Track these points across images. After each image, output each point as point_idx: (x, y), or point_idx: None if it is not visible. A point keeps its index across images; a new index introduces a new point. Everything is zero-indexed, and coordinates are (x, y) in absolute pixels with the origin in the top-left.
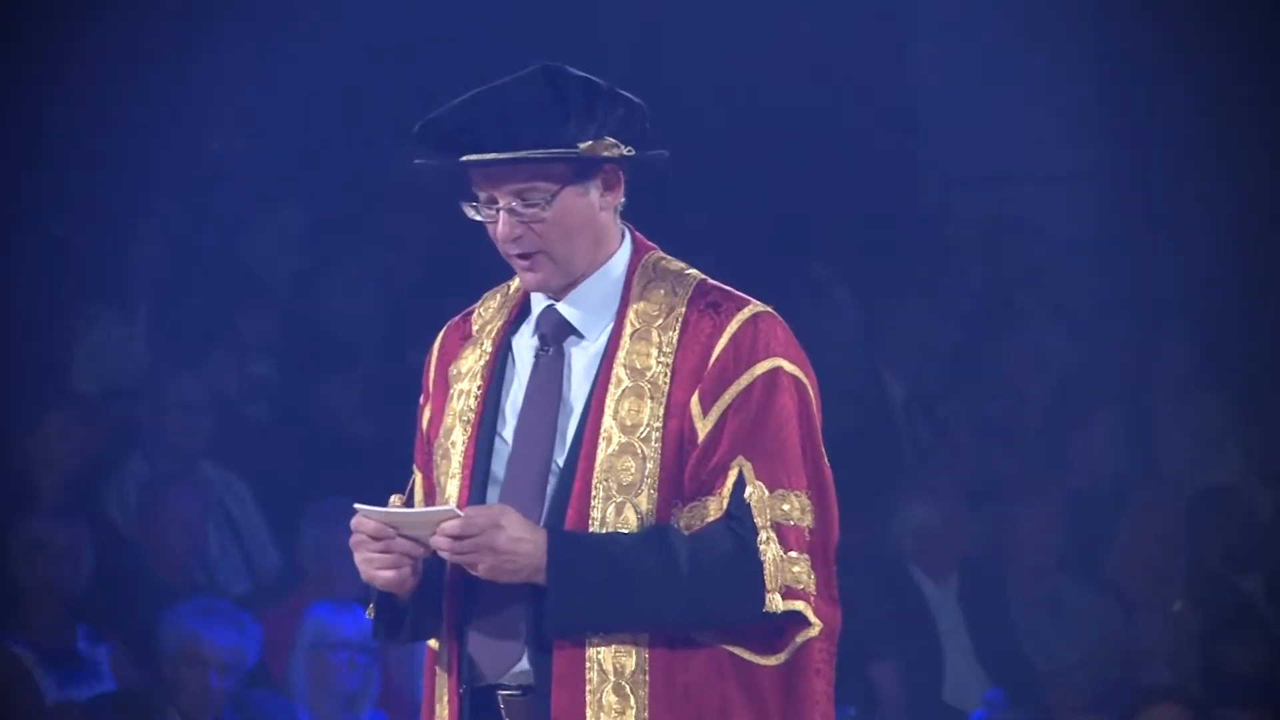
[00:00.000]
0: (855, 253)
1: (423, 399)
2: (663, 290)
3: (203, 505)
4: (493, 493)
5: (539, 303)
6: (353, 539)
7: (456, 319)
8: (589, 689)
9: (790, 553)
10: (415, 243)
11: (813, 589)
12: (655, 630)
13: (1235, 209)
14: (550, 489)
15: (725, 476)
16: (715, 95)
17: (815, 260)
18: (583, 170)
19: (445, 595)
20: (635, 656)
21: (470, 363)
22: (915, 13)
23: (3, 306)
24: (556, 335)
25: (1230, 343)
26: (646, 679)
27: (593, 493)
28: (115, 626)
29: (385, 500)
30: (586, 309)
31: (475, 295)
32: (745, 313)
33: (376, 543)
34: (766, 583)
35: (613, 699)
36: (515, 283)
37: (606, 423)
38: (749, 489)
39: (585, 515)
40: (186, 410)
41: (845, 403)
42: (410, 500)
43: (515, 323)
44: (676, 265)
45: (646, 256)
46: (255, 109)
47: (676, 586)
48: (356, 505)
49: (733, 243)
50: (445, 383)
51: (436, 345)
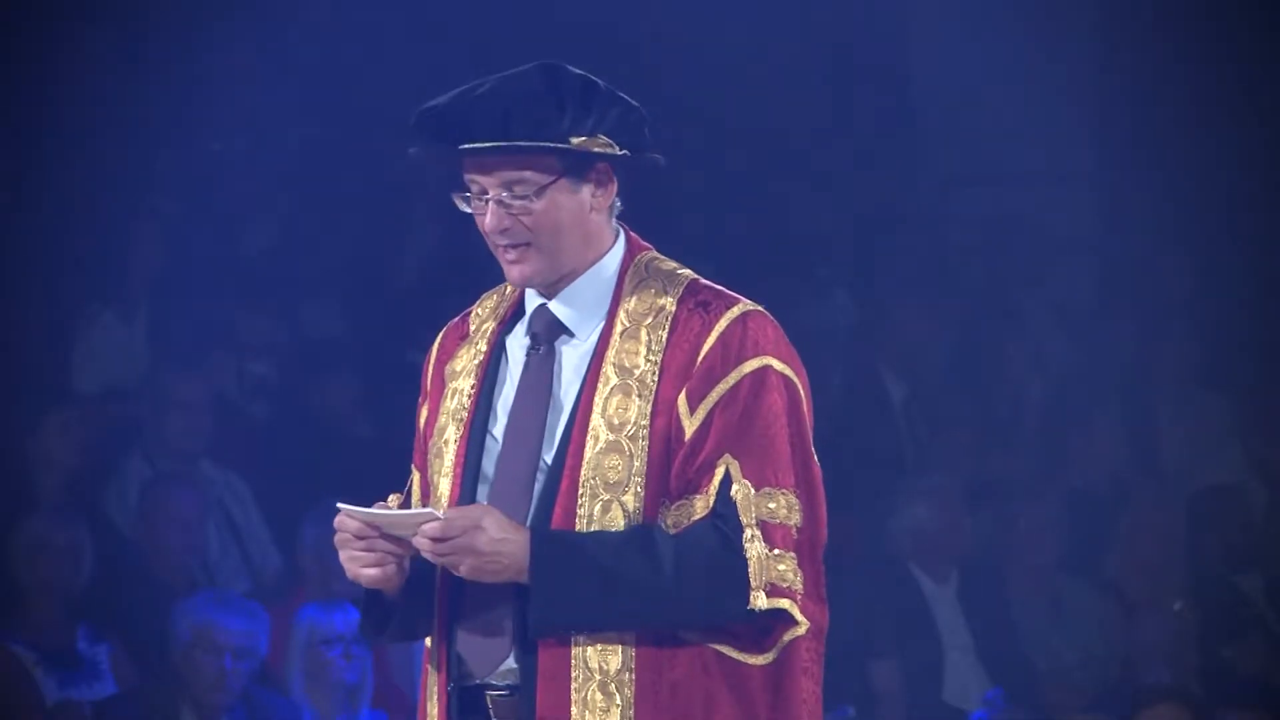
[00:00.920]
0: (855, 253)
1: (421, 399)
2: (653, 289)
3: (203, 505)
4: (482, 491)
5: (532, 302)
6: (337, 538)
7: (455, 320)
8: (574, 687)
9: (776, 550)
10: (414, 243)
11: (799, 587)
12: (640, 629)
13: (1235, 209)
14: (538, 487)
15: (712, 475)
16: (715, 95)
17: (815, 260)
18: (574, 166)
19: (436, 594)
20: (621, 655)
21: (465, 362)
22: (915, 13)
23: (3, 306)
24: (548, 334)
25: (1230, 343)
26: (632, 677)
27: (580, 490)
28: (115, 626)
29: (385, 499)
30: (578, 308)
31: (474, 296)
32: (734, 311)
33: (360, 541)
34: (751, 580)
35: (598, 697)
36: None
37: (595, 421)
38: (735, 487)
39: (572, 513)
40: (186, 410)
41: (845, 403)
42: (408, 500)
43: (510, 322)
44: (669, 265)
45: (639, 256)
46: (255, 109)
47: (661, 587)
48: (340, 505)
49: (733, 243)
50: (442, 382)
51: (435, 346)
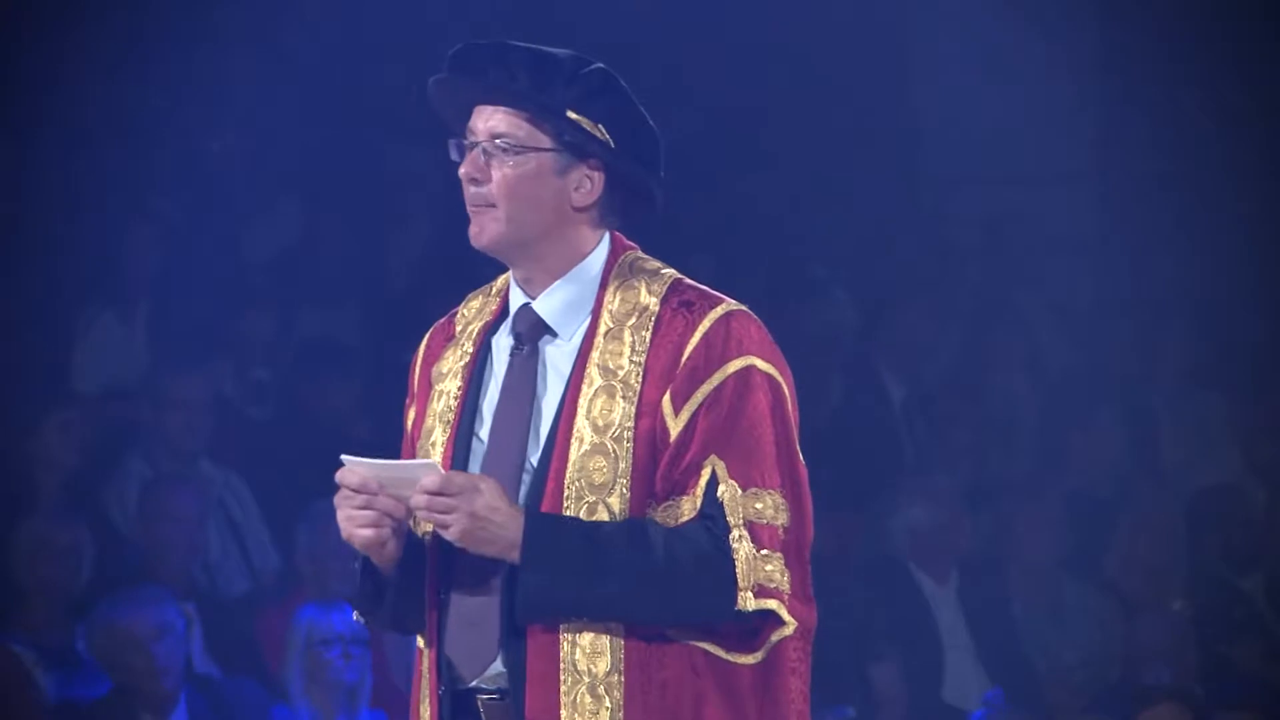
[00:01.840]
0: (855, 253)
1: (408, 400)
2: (637, 289)
3: (203, 505)
4: None
5: (516, 301)
6: (336, 495)
7: (441, 321)
8: (563, 689)
9: (763, 551)
10: (414, 244)
11: (786, 587)
12: (626, 620)
13: (1235, 209)
14: (524, 489)
15: (698, 476)
16: (715, 95)
17: (815, 260)
18: (564, 146)
19: (427, 595)
20: (609, 657)
21: (451, 363)
22: (915, 13)
23: (3, 306)
24: (531, 334)
25: (1230, 343)
26: (621, 679)
27: (565, 493)
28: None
29: None
30: (561, 308)
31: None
32: (718, 311)
33: (359, 497)
34: (739, 581)
35: (587, 699)
36: (498, 283)
37: (579, 422)
38: (722, 487)
39: (558, 513)
40: (186, 410)
41: (845, 403)
42: None
43: (496, 323)
44: (653, 264)
45: (624, 256)
46: (255, 109)
47: (650, 575)
48: (343, 456)
49: (733, 243)
50: (428, 384)
51: (422, 347)
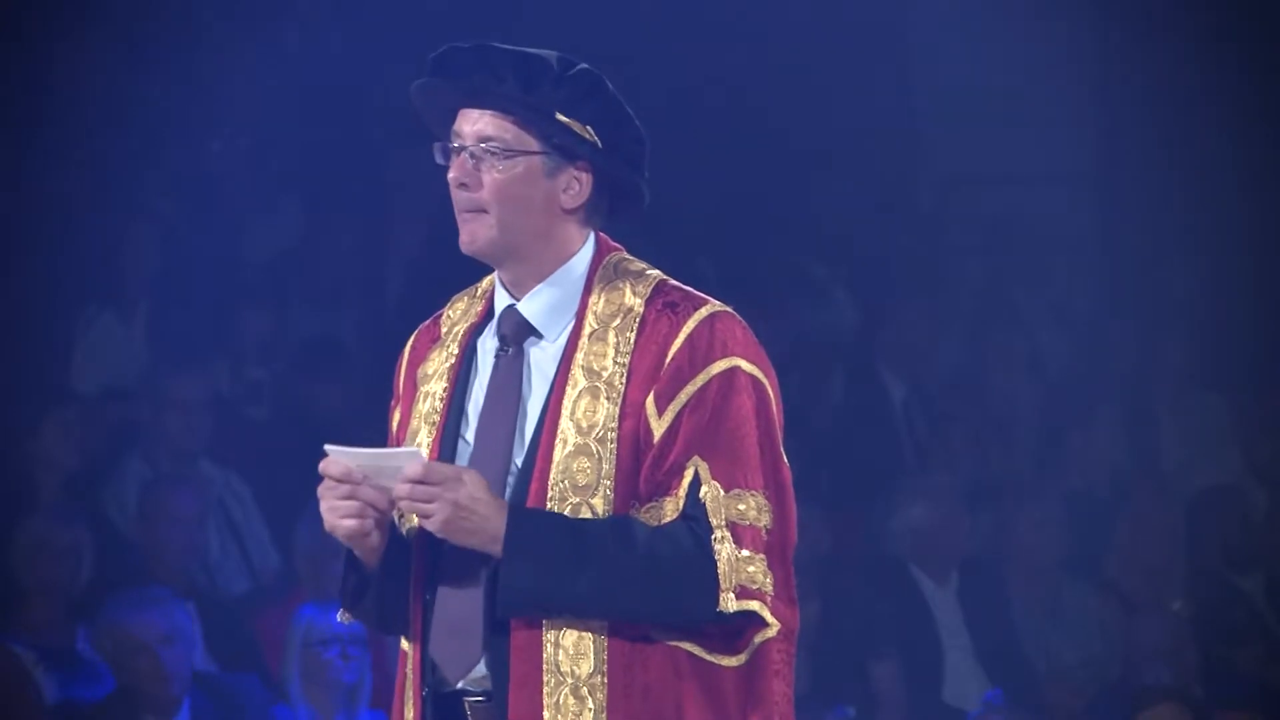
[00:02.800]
0: (855, 253)
1: (393, 402)
2: (622, 290)
3: (203, 505)
4: None
5: (501, 303)
6: (320, 486)
7: (427, 322)
8: (546, 692)
9: (745, 552)
10: (412, 244)
11: (769, 589)
12: (607, 616)
13: (1235, 209)
14: (509, 490)
15: (681, 477)
16: (715, 95)
17: (815, 260)
18: (553, 149)
19: (411, 598)
20: (592, 659)
21: (437, 364)
22: (915, 13)
23: (3, 306)
24: (517, 335)
25: (1230, 343)
26: (604, 681)
27: (549, 494)
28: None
29: None
30: (546, 309)
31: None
32: (702, 312)
33: (342, 488)
34: (721, 582)
35: (570, 701)
36: (483, 284)
37: (563, 424)
38: (704, 489)
39: None
40: (186, 410)
41: (845, 403)
42: None
43: (482, 324)
44: (638, 265)
45: (609, 257)
46: (255, 109)
47: (632, 571)
48: (327, 446)
49: (732, 243)
50: (414, 385)
51: (407, 349)
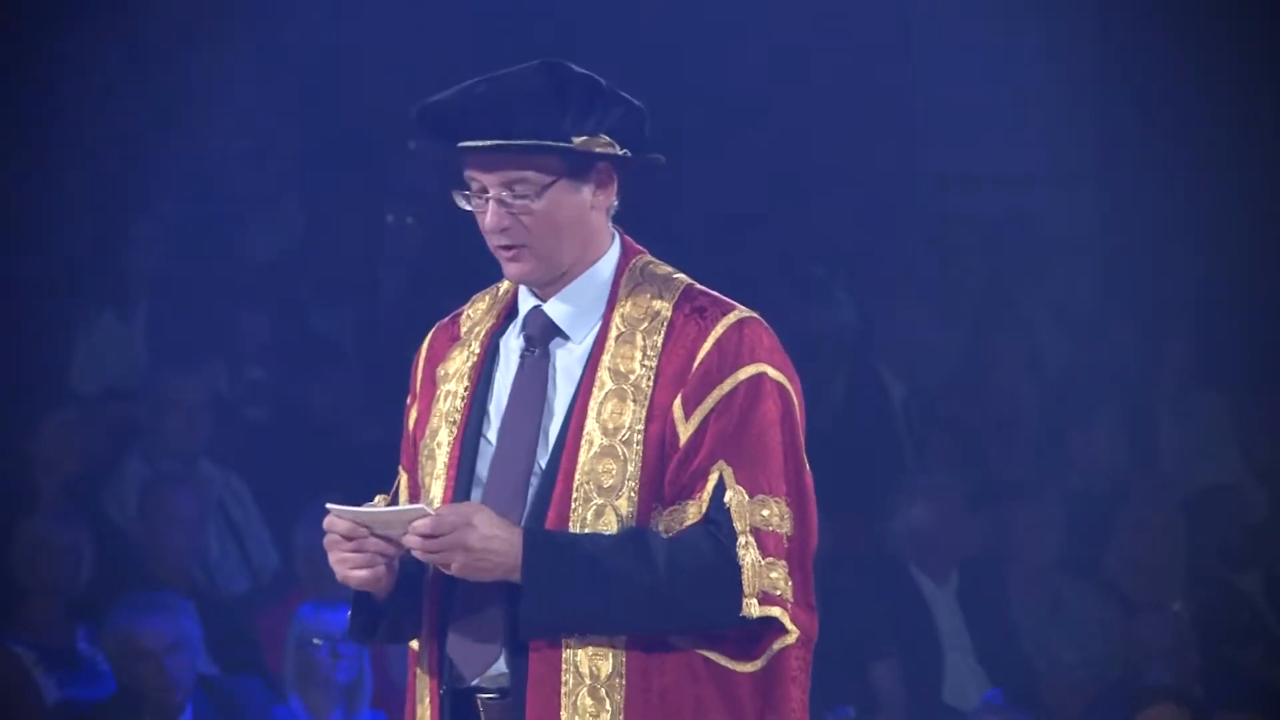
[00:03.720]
0: (855, 253)
1: (410, 399)
2: (649, 293)
3: (203, 505)
4: (476, 494)
5: (526, 304)
6: (326, 539)
7: (445, 320)
8: (564, 692)
9: (768, 558)
10: (412, 244)
11: (790, 595)
12: (631, 633)
13: (1235, 209)
14: (532, 491)
15: (706, 481)
16: (715, 94)
17: (815, 260)
18: (576, 166)
19: (425, 596)
20: (612, 660)
21: (458, 364)
22: (915, 13)
23: (3, 306)
24: (543, 336)
25: (1230, 343)
26: (623, 682)
27: (573, 495)
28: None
29: (371, 499)
30: (573, 311)
31: (469, 295)
32: (731, 318)
33: (349, 542)
34: (744, 588)
35: (588, 702)
36: (505, 284)
37: (589, 425)
38: (729, 493)
39: (565, 517)
40: (186, 410)
41: (845, 403)
42: (395, 500)
43: (503, 324)
44: (664, 269)
45: (635, 260)
46: (255, 109)
47: (653, 589)
48: (329, 505)
49: (732, 242)
50: (433, 384)
51: (425, 346)
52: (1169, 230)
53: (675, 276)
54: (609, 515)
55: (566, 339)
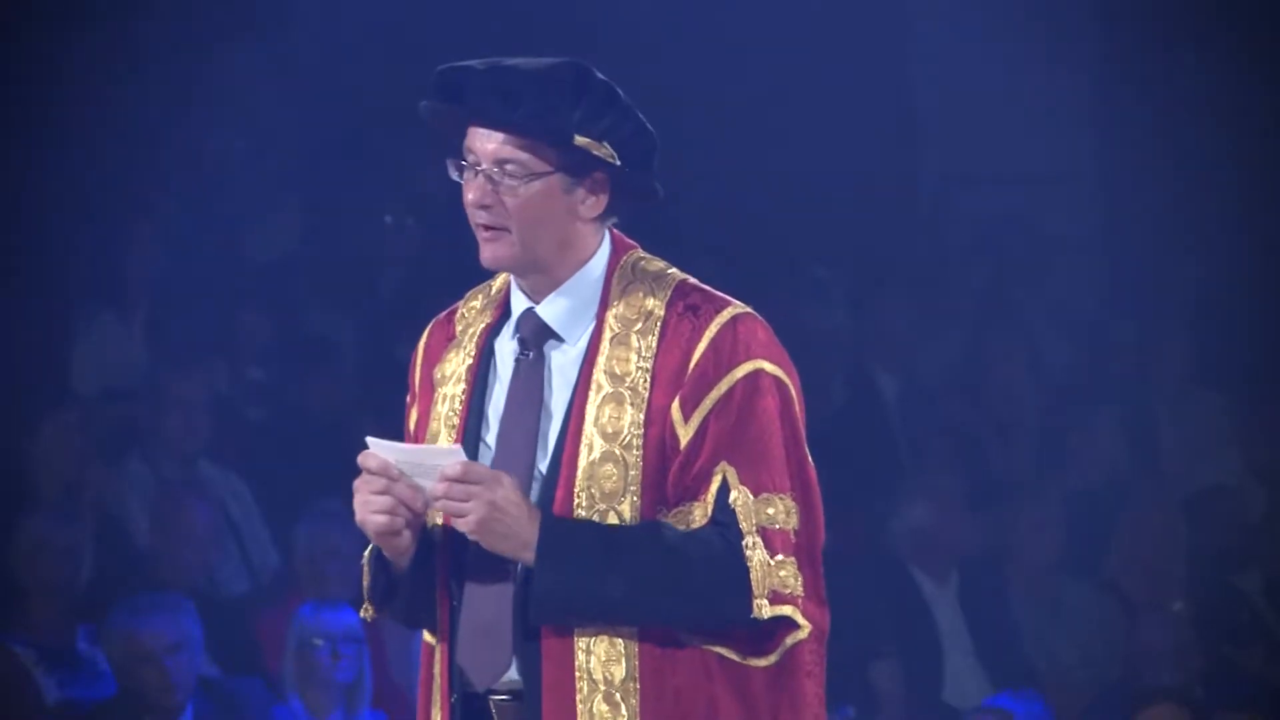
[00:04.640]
0: (854, 253)
1: (409, 399)
2: (641, 292)
3: (215, 517)
4: None
5: (519, 305)
6: (356, 480)
7: (441, 317)
8: (580, 699)
9: (777, 556)
10: (412, 244)
11: (800, 591)
12: (639, 622)
13: (1236, 209)
14: (534, 495)
15: (709, 482)
16: (714, 95)
17: (814, 260)
18: (570, 164)
19: (438, 599)
20: (624, 664)
21: (454, 366)
22: (915, 13)
23: (3, 306)
24: (536, 339)
25: (1230, 343)
26: (637, 686)
27: (576, 500)
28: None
29: None
30: (566, 312)
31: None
32: (724, 315)
33: (377, 481)
34: (754, 588)
35: (604, 708)
36: (497, 282)
37: (587, 429)
38: (733, 494)
39: None
40: (186, 410)
41: (844, 403)
42: None
43: (498, 324)
44: (656, 265)
45: (625, 257)
46: (255, 109)
47: (664, 575)
48: (368, 439)
49: (731, 243)
50: (430, 385)
51: (421, 345)
52: (1169, 230)
53: (668, 273)
54: (612, 519)
55: (561, 341)
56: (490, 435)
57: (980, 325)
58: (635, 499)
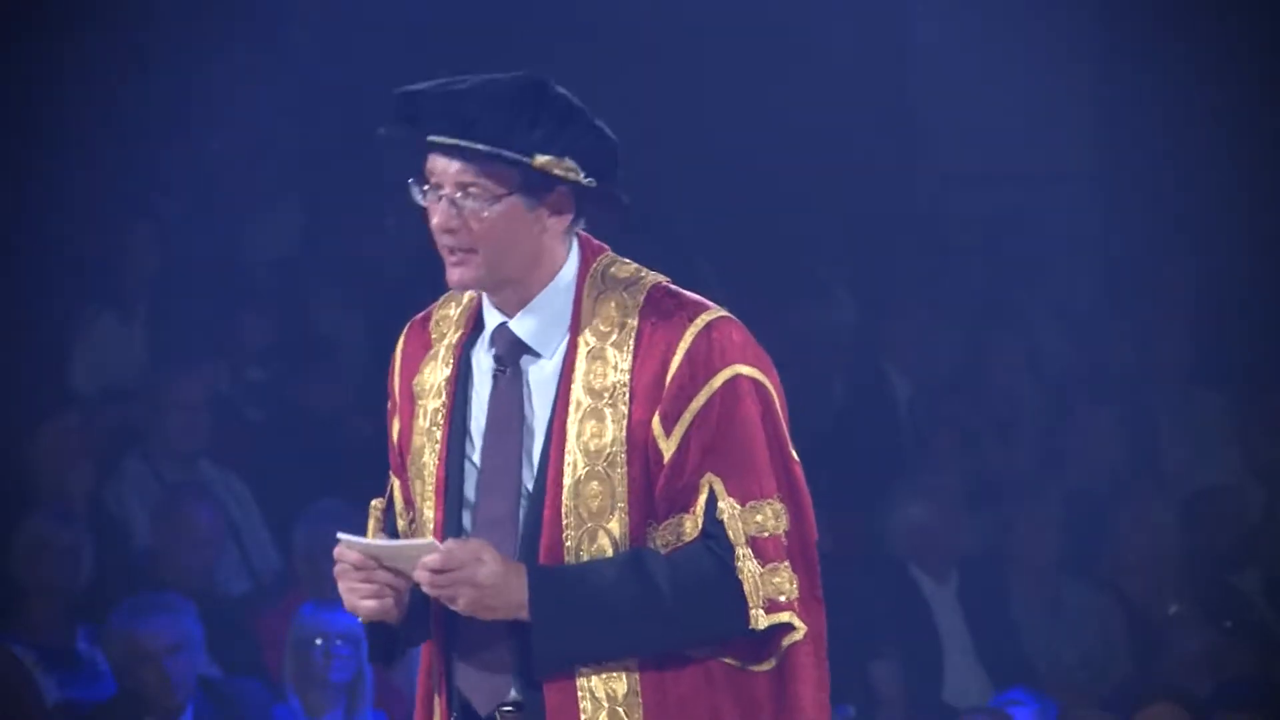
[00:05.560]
0: (856, 253)
1: (390, 406)
2: (614, 301)
3: (212, 511)
4: (467, 516)
5: (491, 319)
6: (336, 569)
7: (416, 321)
8: (585, 718)
9: (769, 565)
10: (412, 244)
11: (795, 595)
12: (641, 654)
13: (1236, 209)
14: (522, 514)
15: (697, 494)
16: (714, 95)
17: (816, 260)
18: (531, 184)
19: (433, 626)
20: (626, 680)
21: (432, 378)
22: (915, 13)
23: (3, 306)
24: (511, 354)
25: (1230, 343)
26: (640, 700)
27: (564, 520)
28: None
29: (369, 502)
30: (538, 326)
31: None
32: (698, 323)
33: (359, 572)
34: (749, 600)
35: None
36: (468, 292)
37: (570, 447)
38: (721, 505)
39: (559, 542)
40: (186, 411)
41: (845, 403)
42: (390, 506)
43: (471, 335)
44: (627, 270)
45: (595, 263)
46: (255, 109)
47: (660, 613)
48: (340, 535)
49: (733, 244)
50: (410, 396)
51: (399, 351)
52: (1169, 230)
53: (640, 278)
54: (602, 538)
55: (536, 356)
56: (475, 454)
57: (981, 325)
58: (624, 516)
